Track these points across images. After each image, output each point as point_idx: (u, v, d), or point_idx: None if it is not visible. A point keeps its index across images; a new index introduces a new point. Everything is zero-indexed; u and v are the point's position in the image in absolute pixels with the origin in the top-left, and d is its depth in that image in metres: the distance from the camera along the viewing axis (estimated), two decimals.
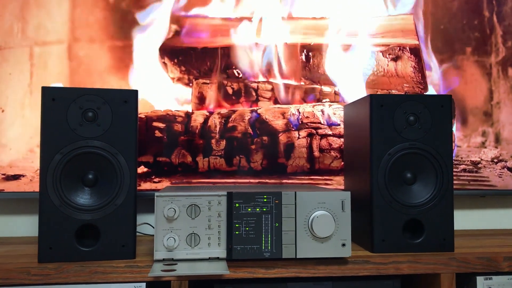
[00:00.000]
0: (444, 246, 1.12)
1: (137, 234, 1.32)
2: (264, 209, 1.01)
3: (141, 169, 1.41)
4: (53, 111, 1.02)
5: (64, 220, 1.01)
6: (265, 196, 1.01)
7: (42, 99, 1.02)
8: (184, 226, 1.00)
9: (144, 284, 0.99)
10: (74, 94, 1.03)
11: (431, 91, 1.52)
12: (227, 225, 1.00)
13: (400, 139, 1.13)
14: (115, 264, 0.99)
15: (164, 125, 1.42)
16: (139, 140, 1.40)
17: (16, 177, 1.36)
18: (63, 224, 1.01)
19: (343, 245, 1.02)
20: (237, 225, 1.00)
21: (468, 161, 1.52)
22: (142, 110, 1.41)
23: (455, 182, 1.48)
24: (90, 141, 1.03)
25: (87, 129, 1.03)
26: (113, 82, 1.40)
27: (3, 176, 1.36)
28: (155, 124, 1.41)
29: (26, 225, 1.40)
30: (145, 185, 1.40)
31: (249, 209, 1.01)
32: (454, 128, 1.51)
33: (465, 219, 1.55)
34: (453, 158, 1.47)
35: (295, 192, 1.02)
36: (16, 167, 1.36)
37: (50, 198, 1.01)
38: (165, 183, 1.41)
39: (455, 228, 1.17)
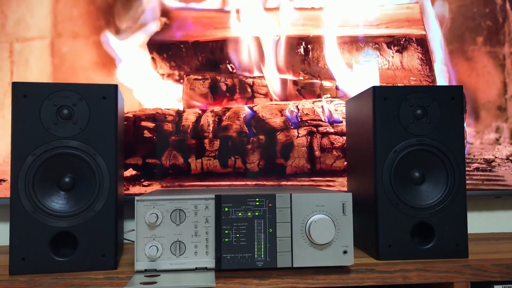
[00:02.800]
0: (457, 252, 1.02)
1: (125, 241, 1.24)
2: (257, 214, 0.91)
3: (130, 172, 1.32)
4: (25, 108, 0.94)
5: (38, 227, 0.92)
6: (257, 199, 0.91)
7: (12, 95, 0.93)
8: (167, 233, 0.91)
9: None
10: (47, 90, 0.94)
11: (440, 84, 1.41)
12: (215, 232, 0.91)
13: (406, 135, 1.03)
14: (93, 276, 0.90)
15: (153, 124, 1.33)
16: (127, 141, 1.31)
17: None
18: (36, 232, 0.92)
19: (345, 252, 0.92)
20: (226, 232, 0.91)
21: (481, 159, 1.41)
22: (130, 109, 1.32)
23: (467, 182, 1.38)
24: (65, 141, 0.94)
25: (62, 128, 0.94)
26: (99, 80, 1.31)
27: None
28: (143, 123, 1.32)
29: (5, 233, 1.31)
30: (134, 189, 1.32)
31: (240, 214, 0.91)
32: (465, 124, 1.41)
33: (479, 222, 1.45)
34: (465, 156, 1.37)
35: (291, 194, 0.92)
36: None
37: (22, 204, 0.92)
38: (155, 187, 1.32)
39: (468, 232, 1.07)
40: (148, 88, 1.34)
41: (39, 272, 0.92)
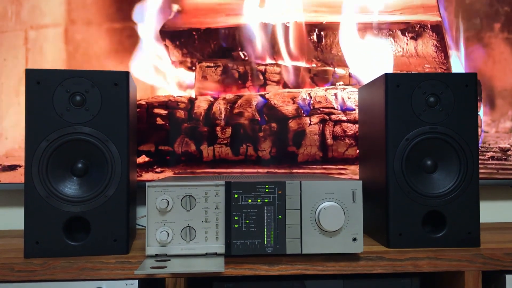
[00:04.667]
0: (468, 241, 1.02)
1: (138, 227, 1.25)
2: (266, 200, 0.92)
3: (142, 159, 1.33)
4: (38, 95, 0.95)
5: (51, 212, 0.94)
6: (266, 186, 0.92)
7: (26, 82, 0.95)
8: (178, 219, 0.92)
9: (137, 281, 0.91)
10: (60, 76, 0.96)
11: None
12: (225, 218, 0.91)
13: (419, 123, 1.02)
14: (105, 260, 0.92)
15: (166, 111, 1.33)
16: (140, 128, 1.32)
17: (12, 167, 1.30)
18: (50, 217, 0.94)
19: (354, 239, 0.92)
20: (236, 218, 0.91)
21: (496, 148, 1.39)
22: (143, 96, 1.33)
23: (482, 170, 1.36)
24: (78, 127, 0.95)
25: (75, 114, 0.96)
26: (112, 67, 1.32)
27: None
28: (156, 111, 1.33)
29: (20, 218, 1.34)
30: (147, 176, 1.33)
31: (250, 200, 0.91)
32: (480, 112, 1.39)
33: (493, 211, 1.43)
34: (480, 144, 1.36)
35: (300, 181, 0.92)
36: (12, 157, 1.30)
37: (36, 189, 0.94)
38: (168, 173, 1.33)
39: (481, 221, 1.06)
40: (161, 75, 1.34)
41: (52, 256, 0.94)
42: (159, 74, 1.34)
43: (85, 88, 0.96)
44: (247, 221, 0.91)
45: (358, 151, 1.34)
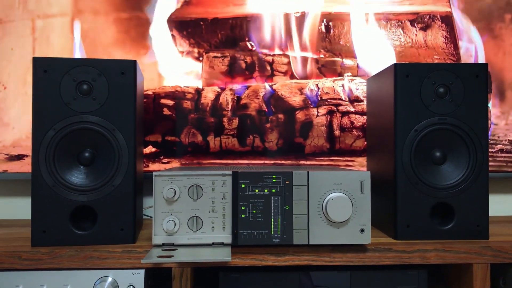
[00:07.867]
0: (477, 233, 1.01)
1: (145, 217, 1.25)
2: (273, 191, 0.91)
3: (149, 149, 1.33)
4: (45, 83, 0.94)
5: (58, 201, 0.94)
6: (274, 176, 0.91)
7: (33, 70, 0.94)
8: (185, 209, 0.91)
9: (143, 270, 0.91)
10: (67, 65, 0.95)
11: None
12: (232, 208, 0.91)
13: (428, 114, 1.01)
14: (111, 249, 0.92)
15: (172, 102, 1.33)
16: (146, 118, 1.31)
17: (19, 157, 1.30)
18: (57, 206, 0.94)
19: (362, 230, 0.91)
20: (243, 208, 0.91)
21: (506, 140, 1.37)
22: (150, 86, 1.33)
23: (491, 163, 1.35)
24: (85, 116, 0.95)
25: (82, 103, 0.95)
26: (119, 57, 1.32)
27: (6, 157, 1.30)
28: (163, 101, 1.33)
29: (28, 208, 1.34)
30: (154, 166, 1.32)
31: (257, 190, 0.91)
32: (490, 104, 1.37)
33: (502, 204, 1.42)
34: (489, 137, 1.35)
35: (308, 172, 0.91)
36: (20, 146, 1.30)
37: (43, 178, 0.94)
38: (175, 164, 1.33)
39: (491, 215, 1.05)
40: (168, 65, 1.34)
41: (59, 245, 0.94)
42: (166, 63, 1.34)
43: (92, 77, 0.95)
44: (254, 211, 0.91)
45: (365, 142, 1.33)
